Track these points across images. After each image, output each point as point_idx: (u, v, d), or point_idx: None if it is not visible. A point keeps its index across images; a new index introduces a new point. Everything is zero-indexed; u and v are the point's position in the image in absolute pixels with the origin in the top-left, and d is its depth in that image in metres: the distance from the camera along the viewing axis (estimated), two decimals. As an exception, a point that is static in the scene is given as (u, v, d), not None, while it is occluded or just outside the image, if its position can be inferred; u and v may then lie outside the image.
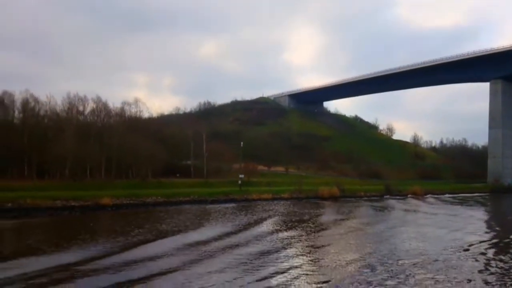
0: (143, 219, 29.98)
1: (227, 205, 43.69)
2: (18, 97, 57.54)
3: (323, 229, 26.22)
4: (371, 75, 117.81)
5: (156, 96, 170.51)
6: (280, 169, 79.47)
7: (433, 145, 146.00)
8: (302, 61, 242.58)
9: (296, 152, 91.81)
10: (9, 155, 49.45)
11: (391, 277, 13.37)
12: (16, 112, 57.78)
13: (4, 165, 49.80)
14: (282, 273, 14.02)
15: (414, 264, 15.31)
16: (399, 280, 12.98)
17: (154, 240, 20.96)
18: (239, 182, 54.37)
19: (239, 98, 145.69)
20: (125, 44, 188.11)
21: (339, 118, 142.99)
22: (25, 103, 57.51)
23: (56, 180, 49.22)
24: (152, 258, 16.17)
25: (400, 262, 15.76)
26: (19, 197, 35.50)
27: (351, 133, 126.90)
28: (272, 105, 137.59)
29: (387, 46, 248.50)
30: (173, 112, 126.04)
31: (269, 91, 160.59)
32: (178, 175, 64.59)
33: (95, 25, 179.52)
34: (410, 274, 13.85)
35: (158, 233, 23.24)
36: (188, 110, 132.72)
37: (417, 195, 61.23)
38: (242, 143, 59.96)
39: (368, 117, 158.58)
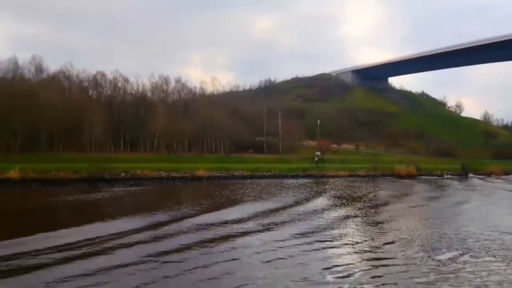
0: (233, 190, 32.49)
1: (305, 180, 45.96)
2: (109, 77, 63.48)
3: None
4: (438, 50, 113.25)
5: (209, 74, 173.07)
6: (349, 146, 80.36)
7: (505, 123, 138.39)
8: (359, 35, 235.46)
9: (364, 129, 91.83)
10: (107, 130, 55.25)
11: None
12: (109, 91, 63.89)
13: (104, 139, 55.76)
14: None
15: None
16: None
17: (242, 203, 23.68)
18: (316, 159, 56.43)
19: (299, 75, 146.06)
20: (183, 23, 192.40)
21: (404, 94, 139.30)
22: (115, 82, 63.26)
23: (151, 153, 54.44)
24: (239, 221, 17.94)
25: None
26: (129, 168, 40.30)
27: (418, 109, 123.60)
28: (335, 81, 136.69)
29: (450, 20, 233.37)
30: (233, 90, 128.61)
31: (326, 67, 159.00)
32: (251, 150, 67.90)
33: (156, 5, 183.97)
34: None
35: (252, 199, 26.00)
36: (247, 87, 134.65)
37: (497, 175, 59.82)
38: (318, 121, 61.62)
39: (433, 93, 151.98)
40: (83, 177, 35.06)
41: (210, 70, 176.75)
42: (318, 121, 61.81)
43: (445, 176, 56.12)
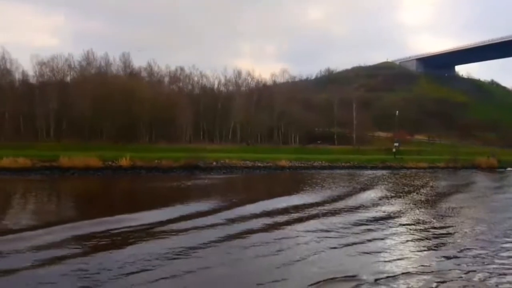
0: (320, 178, 33.93)
1: (384, 171, 46.13)
2: (187, 72, 67.03)
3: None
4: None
5: (258, 64, 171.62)
6: (421, 137, 78.70)
7: None
8: (418, 21, 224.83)
9: (434, 120, 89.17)
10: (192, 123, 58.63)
11: None
12: (189, 85, 67.60)
13: (190, 131, 59.30)
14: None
15: None
16: None
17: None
18: (394, 150, 56.30)
19: (360, 64, 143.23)
20: (234, 14, 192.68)
21: (473, 83, 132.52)
22: (191, 76, 66.69)
23: (230, 144, 57.25)
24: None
25: None
26: (218, 158, 42.96)
27: (489, 99, 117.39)
28: (399, 70, 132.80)
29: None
30: (289, 80, 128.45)
31: (385, 55, 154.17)
32: (319, 142, 68.68)
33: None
34: None
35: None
36: (302, 77, 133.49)
37: None
38: (397, 112, 61.19)
39: (503, 81, 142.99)
40: (182, 166, 38.20)
41: (260, 61, 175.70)
42: (397, 111, 61.43)
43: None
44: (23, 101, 48.60)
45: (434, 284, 8.16)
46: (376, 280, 8.29)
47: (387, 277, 8.52)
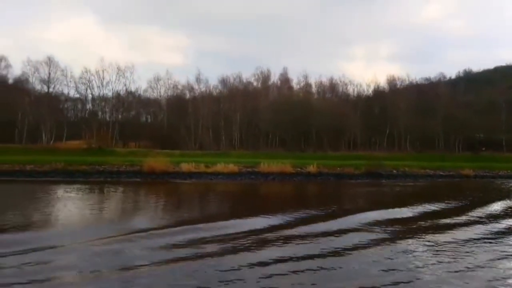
0: None
1: None
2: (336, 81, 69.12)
3: None
4: None
5: (370, 67, 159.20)
6: None
7: None
8: None
9: None
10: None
11: None
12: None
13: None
14: None
15: None
16: None
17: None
18: None
19: (502, 63, 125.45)
20: (343, 17, 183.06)
21: None
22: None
23: (397, 151, 56.86)
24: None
25: None
26: (397, 166, 43.04)
27: None
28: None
29: None
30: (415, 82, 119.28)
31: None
32: (483, 149, 63.12)
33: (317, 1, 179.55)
34: None
35: None
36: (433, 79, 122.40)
37: None
38: None
39: None
40: (363, 173, 39.49)
41: (371, 64, 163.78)
42: None
43: None
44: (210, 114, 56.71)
45: None
46: None
47: None
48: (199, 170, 36.76)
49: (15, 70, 75.11)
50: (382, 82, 69.89)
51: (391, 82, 67.28)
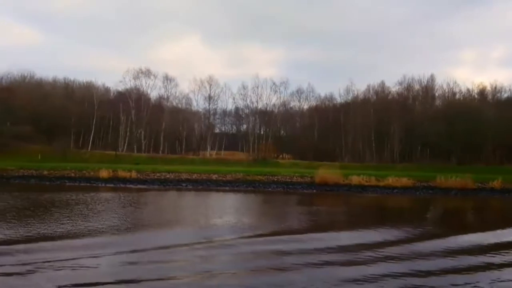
0: None
1: None
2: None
3: None
4: None
5: (480, 72, 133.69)
6: None
7: None
8: None
9: None
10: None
11: None
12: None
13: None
14: None
15: None
16: None
17: None
18: None
19: None
20: (452, 21, 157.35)
21: None
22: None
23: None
24: None
25: None
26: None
27: None
28: None
29: None
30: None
31: None
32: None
33: (419, 9, 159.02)
34: None
35: None
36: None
37: None
38: None
39: None
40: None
41: (481, 68, 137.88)
42: None
43: None
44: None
45: None
46: None
47: None
48: (370, 183, 36.49)
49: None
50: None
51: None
